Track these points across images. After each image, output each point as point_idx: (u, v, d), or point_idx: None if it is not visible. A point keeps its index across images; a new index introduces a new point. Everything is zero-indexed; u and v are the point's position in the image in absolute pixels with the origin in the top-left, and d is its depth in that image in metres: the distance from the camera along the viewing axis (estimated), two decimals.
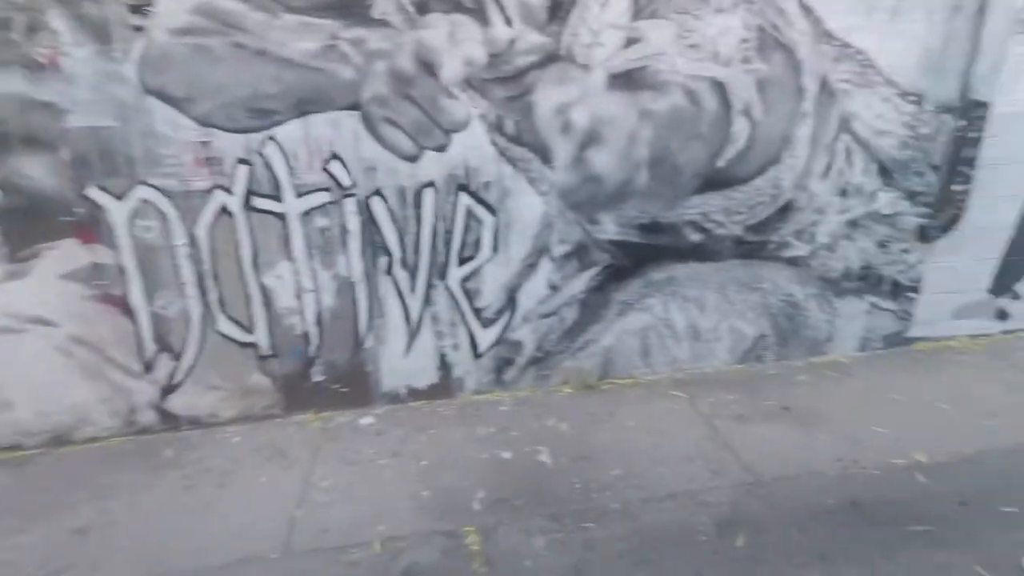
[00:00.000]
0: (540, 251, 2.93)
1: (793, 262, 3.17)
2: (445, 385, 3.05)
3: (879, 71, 2.92)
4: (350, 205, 2.69)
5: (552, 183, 2.83)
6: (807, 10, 2.78)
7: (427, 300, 2.90)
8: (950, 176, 3.09)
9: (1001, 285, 3.42)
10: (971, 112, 2.99)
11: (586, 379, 3.11)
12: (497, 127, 2.71)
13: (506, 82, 2.66)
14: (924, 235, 3.19)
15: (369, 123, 2.60)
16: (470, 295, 2.94)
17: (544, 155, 2.79)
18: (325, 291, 2.80)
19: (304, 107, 2.54)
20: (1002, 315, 3.48)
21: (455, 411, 2.96)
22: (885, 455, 2.52)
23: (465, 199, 2.79)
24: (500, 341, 3.04)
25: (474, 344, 3.02)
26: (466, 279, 2.91)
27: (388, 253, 2.80)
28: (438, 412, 2.95)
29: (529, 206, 2.85)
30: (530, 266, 2.95)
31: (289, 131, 2.55)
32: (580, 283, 3.02)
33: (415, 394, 3.03)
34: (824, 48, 2.85)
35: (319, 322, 2.84)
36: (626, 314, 3.11)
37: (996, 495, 2.26)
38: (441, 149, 2.70)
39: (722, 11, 2.71)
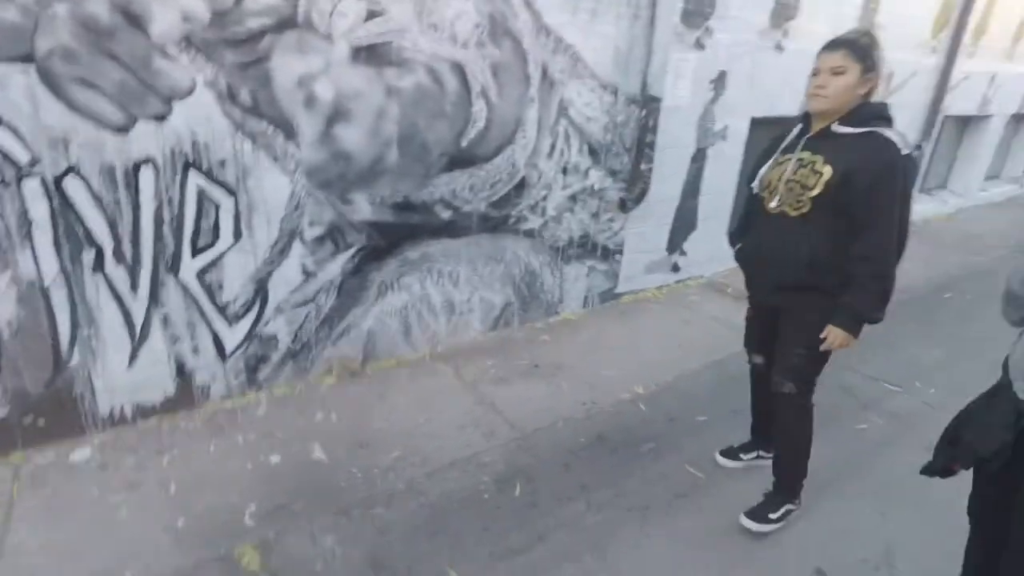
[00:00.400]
0: (290, 235, 2.71)
1: (529, 234, 3.54)
2: (186, 396, 2.63)
3: (586, 64, 3.39)
4: (32, 187, 2.08)
5: (299, 161, 2.62)
6: (528, 3, 3.05)
7: (155, 300, 2.44)
8: (638, 157, 3.78)
9: (673, 244, 4.37)
10: (649, 105, 3.69)
11: (350, 366, 3.02)
12: (230, 96, 2.38)
13: (237, 45, 2.33)
14: (623, 206, 3.87)
15: (52, 82, 2.02)
16: (210, 289, 2.57)
17: (288, 130, 2.55)
18: (2, 300, 2.13)
19: None
20: (676, 268, 4.46)
21: (202, 423, 2.58)
22: (615, 393, 3.04)
23: (196, 179, 2.40)
24: (251, 337, 2.73)
25: (219, 344, 2.66)
26: (204, 271, 2.53)
27: (95, 246, 2.25)
28: (180, 428, 2.54)
29: (275, 186, 2.59)
30: (280, 252, 2.70)
31: None
32: (336, 266, 2.88)
33: (146, 412, 2.55)
34: (544, 40, 3.17)
35: None
36: (385, 295, 3.09)
37: (691, 409, 2.92)
38: (160, 119, 2.26)
39: None
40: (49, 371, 2.29)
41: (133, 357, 2.46)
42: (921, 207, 6.53)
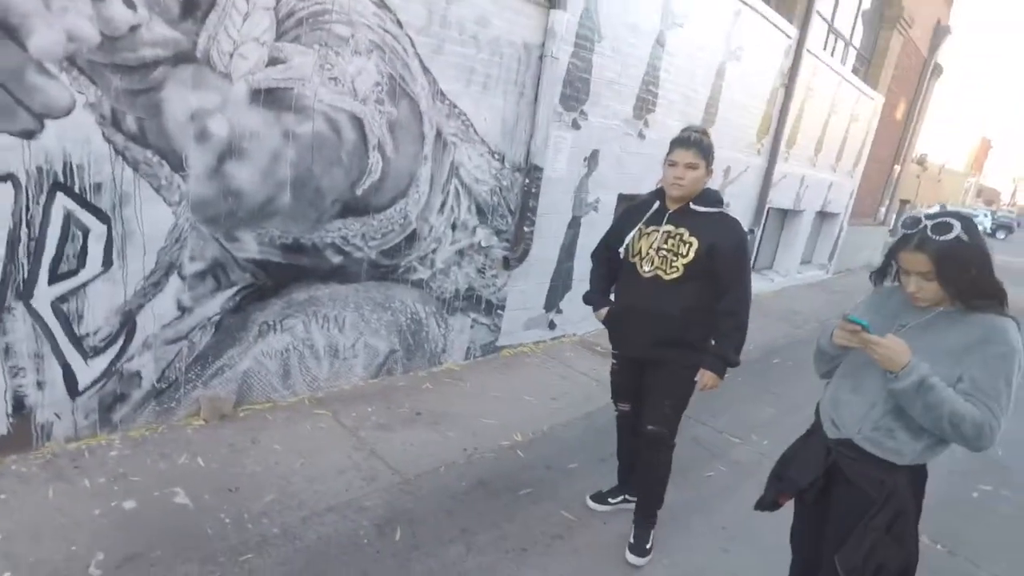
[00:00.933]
0: (168, 267, 2.58)
1: (417, 284, 3.65)
2: (21, 436, 2.34)
3: (476, 131, 3.68)
4: None
5: (184, 193, 2.55)
6: (426, 70, 3.30)
7: None
8: (521, 219, 4.09)
9: (550, 303, 4.68)
10: (532, 173, 4.04)
11: (221, 408, 2.85)
12: (113, 122, 2.30)
13: (127, 72, 2.29)
14: (507, 264, 4.12)
15: None
16: (67, 319, 2.36)
17: (175, 162, 2.50)
18: None
19: None
20: (552, 325, 4.75)
21: (40, 466, 2.30)
22: (496, 440, 3.14)
23: (64, 201, 2.25)
24: (110, 373, 2.52)
25: (71, 379, 2.41)
26: (62, 299, 2.33)
27: None
28: (11, 472, 2.24)
29: (155, 217, 2.49)
30: (154, 284, 2.56)
31: None
32: (216, 304, 2.78)
33: None
34: (439, 105, 3.42)
35: None
36: (266, 336, 3.00)
37: (565, 457, 3.09)
38: (28, 136, 2.13)
39: (359, 53, 2.98)
40: None
41: None
42: (753, 284, 7.56)
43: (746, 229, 2.26)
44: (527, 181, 4.04)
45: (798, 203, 8.30)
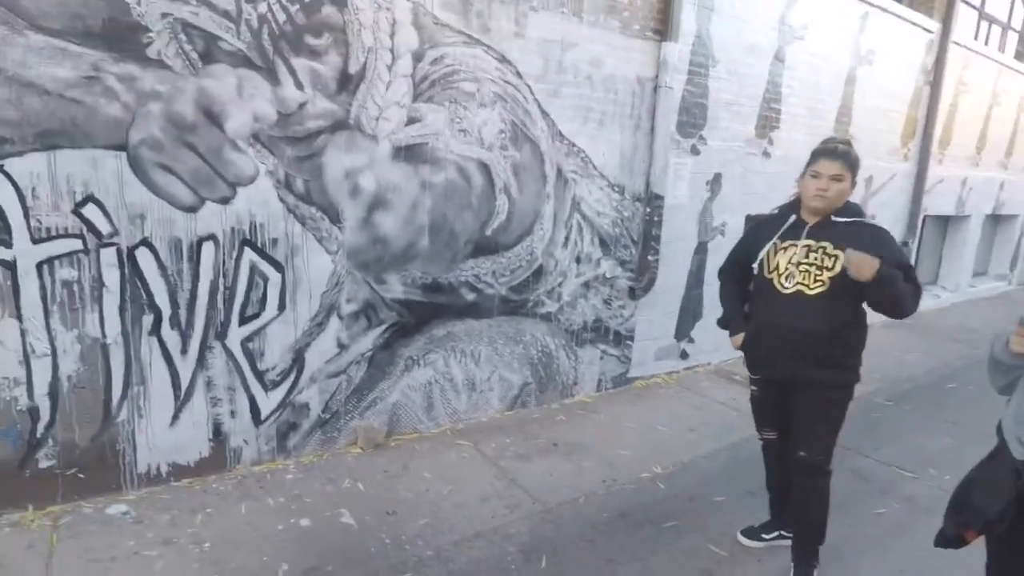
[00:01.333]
0: (329, 309, 2.92)
1: (546, 317, 3.75)
2: (218, 458, 2.71)
3: (595, 166, 3.78)
4: (108, 256, 2.32)
5: (341, 243, 2.89)
6: (545, 114, 3.48)
7: (201, 363, 2.60)
8: (645, 248, 4.08)
9: (681, 332, 4.56)
10: (653, 202, 4.05)
11: (375, 437, 3.10)
12: (286, 184, 2.70)
13: (296, 142, 2.69)
14: (633, 294, 4.12)
15: (138, 166, 2.33)
16: (252, 356, 2.73)
17: (333, 215, 2.85)
18: (66, 355, 2.30)
19: (51, 139, 2.17)
20: (684, 355, 4.62)
21: (233, 486, 2.64)
22: (634, 471, 3.09)
23: (250, 255, 2.66)
24: (285, 404, 2.86)
25: (255, 409, 2.78)
26: (248, 339, 2.71)
27: (155, 311, 2.46)
28: (212, 489, 2.60)
29: (318, 265, 2.84)
30: (318, 325, 2.90)
31: (26, 164, 2.13)
32: (368, 341, 3.06)
33: (180, 472, 2.62)
34: (558, 144, 3.58)
35: (53, 393, 2.30)
36: (411, 370, 3.24)
37: (709, 489, 2.95)
38: (225, 202, 2.56)
39: (484, 106, 3.23)
40: (98, 425, 2.40)
41: (175, 417, 2.58)
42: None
43: (899, 242, 2.08)
44: (648, 210, 4.05)
45: (961, 208, 7.42)
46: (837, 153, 2.09)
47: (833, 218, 2.12)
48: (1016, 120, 8.00)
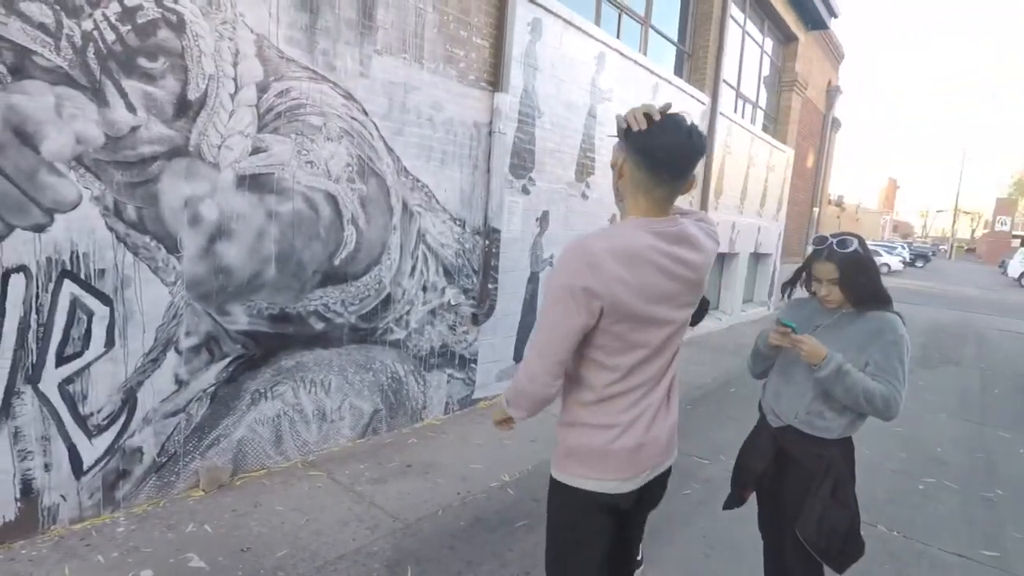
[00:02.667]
0: (165, 344, 2.74)
1: (395, 344, 3.86)
2: (27, 520, 2.37)
3: (438, 201, 4.04)
4: None
5: (180, 273, 2.75)
6: (390, 150, 3.67)
7: (6, 411, 2.28)
8: (485, 278, 4.41)
9: (519, 354, 4.94)
10: (492, 235, 4.41)
11: (219, 477, 2.92)
12: (116, 212, 2.53)
13: (128, 167, 2.54)
14: (475, 320, 4.40)
15: None
16: (73, 400, 2.46)
17: (170, 245, 2.72)
18: None
19: None
20: None
21: (50, 548, 2.33)
22: (485, 482, 3.31)
23: (71, 287, 2.42)
24: (113, 451, 2.59)
25: (76, 460, 2.49)
26: (68, 381, 2.44)
27: None
28: (22, 556, 2.26)
29: (154, 297, 2.67)
30: (153, 361, 2.70)
31: None
32: (211, 375, 2.92)
33: None
34: (403, 179, 3.78)
35: None
36: (258, 403, 3.14)
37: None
38: (39, 229, 2.32)
39: (331, 139, 3.33)
40: None
41: None
42: (704, 323, 8.07)
43: None
44: (487, 242, 4.40)
45: (732, 247, 9.02)
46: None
47: None
48: (765, 179, 10.00)
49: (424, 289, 4.01)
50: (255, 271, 3.04)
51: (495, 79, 4.27)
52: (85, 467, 2.52)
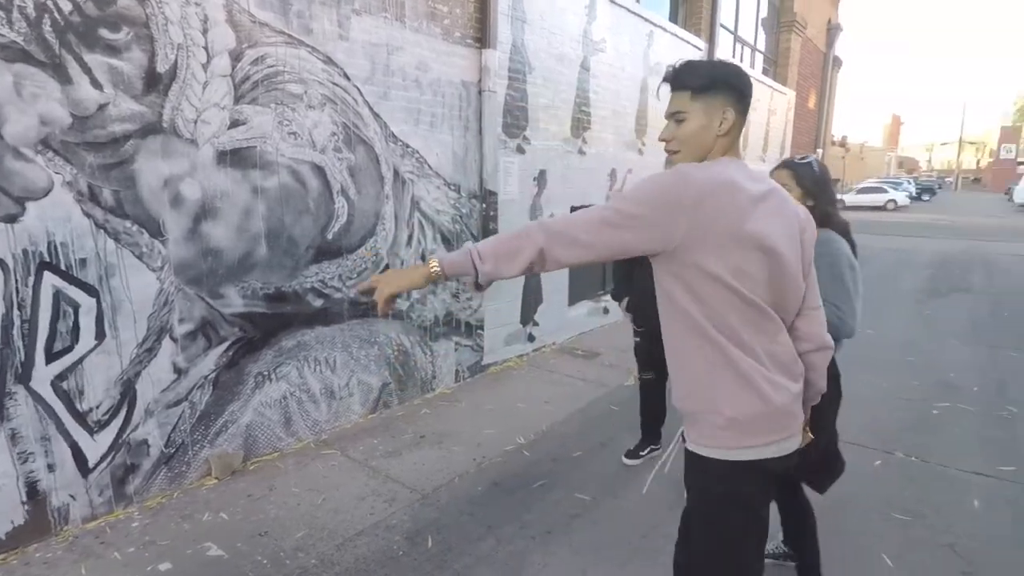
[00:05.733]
0: (159, 332, 2.64)
1: (398, 316, 3.76)
2: (38, 523, 2.31)
3: (430, 166, 3.89)
4: None
5: (166, 258, 2.63)
6: (377, 116, 3.50)
7: (0, 415, 2.20)
8: None
9: (525, 317, 4.85)
10: (488, 198, 4.27)
11: (231, 464, 2.86)
12: (91, 196, 2.39)
13: (99, 148, 2.40)
14: (478, 286, 4.25)
15: None
16: (69, 396, 2.37)
17: (153, 228, 2.59)
18: None
19: None
20: (531, 338, 4.91)
21: (65, 549, 2.27)
22: (500, 446, 3.25)
23: (52, 279, 2.31)
24: (117, 446, 2.52)
25: (80, 457, 2.41)
26: (61, 377, 2.35)
27: None
28: (36, 559, 2.21)
29: (141, 284, 2.55)
30: (148, 351, 2.60)
31: None
32: (210, 361, 2.82)
33: None
34: (393, 146, 3.62)
35: None
36: (263, 386, 3.05)
37: (568, 448, 3.22)
38: (11, 220, 2.19)
39: (313, 107, 3.16)
40: None
41: None
42: None
43: None
44: (484, 206, 4.26)
45: None
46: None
47: None
48: (767, 123, 9.73)
49: (423, 258, 3.88)
50: (245, 251, 2.92)
51: (482, 35, 4.06)
52: (91, 464, 2.45)
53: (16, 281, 2.23)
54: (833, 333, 1.63)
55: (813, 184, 1.83)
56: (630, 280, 2.96)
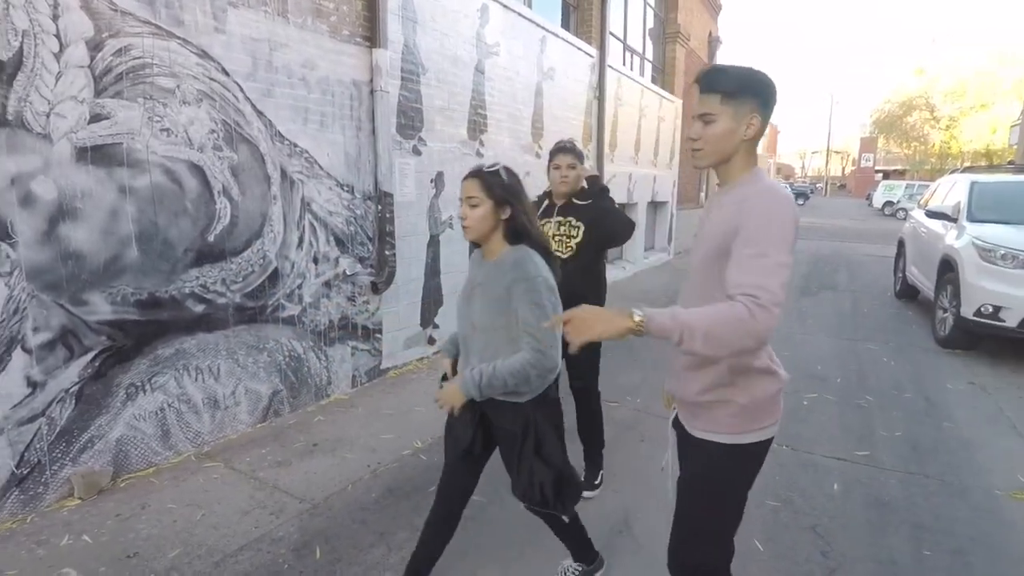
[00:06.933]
0: (9, 343, 2.41)
1: (289, 321, 3.65)
2: None
3: (321, 167, 3.81)
4: None
5: (16, 262, 2.41)
6: (260, 114, 3.39)
7: None
8: (381, 244, 4.25)
9: (426, 319, 4.85)
10: (384, 200, 4.23)
11: (97, 482, 2.66)
12: None
13: None
14: (375, 288, 4.24)
15: None
16: None
17: (1, 231, 2.37)
18: None
19: None
20: (431, 340, 4.92)
21: None
22: (396, 451, 3.23)
23: None
24: None
25: None
26: None
27: None
28: None
29: None
30: None
31: None
32: (72, 373, 2.61)
33: None
34: (279, 145, 3.52)
35: None
36: (135, 398, 2.86)
37: None
38: None
39: (188, 103, 3.01)
40: None
41: None
42: (609, 273, 8.33)
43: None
44: (380, 207, 4.22)
45: (631, 196, 9.28)
46: (568, 148, 2.72)
47: (575, 200, 2.74)
48: (657, 129, 10.31)
49: (315, 261, 3.80)
50: (113, 254, 2.73)
51: (372, 34, 4.03)
52: None
53: None
54: (538, 369, 1.63)
55: (504, 193, 1.70)
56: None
